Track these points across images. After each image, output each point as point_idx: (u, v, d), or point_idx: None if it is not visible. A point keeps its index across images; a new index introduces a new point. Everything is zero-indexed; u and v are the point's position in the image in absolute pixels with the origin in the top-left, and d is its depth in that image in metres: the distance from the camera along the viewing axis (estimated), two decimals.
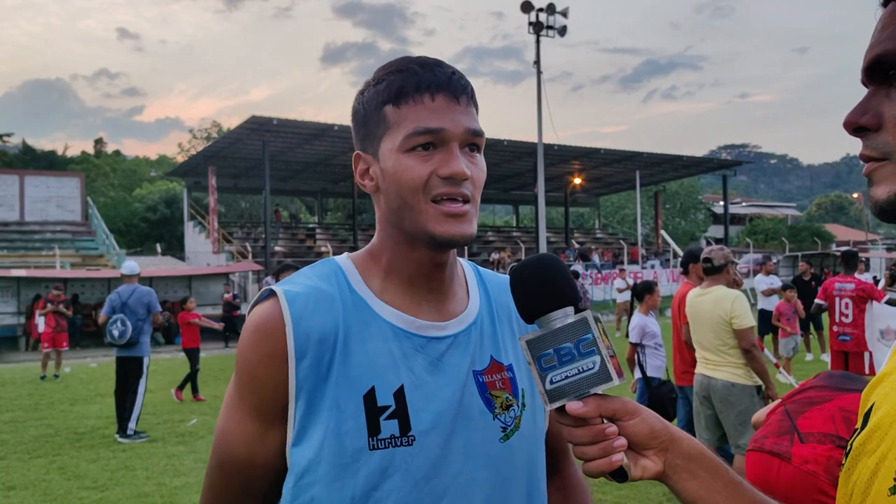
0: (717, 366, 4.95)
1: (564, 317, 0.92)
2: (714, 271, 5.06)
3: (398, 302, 1.14)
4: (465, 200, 1.08)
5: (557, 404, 0.91)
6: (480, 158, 1.12)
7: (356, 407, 1.06)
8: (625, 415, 0.92)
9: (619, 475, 0.92)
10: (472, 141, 1.10)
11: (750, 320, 4.82)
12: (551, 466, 1.32)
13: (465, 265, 1.28)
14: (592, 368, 0.89)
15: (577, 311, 0.94)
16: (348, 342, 1.08)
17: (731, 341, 4.87)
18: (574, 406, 0.90)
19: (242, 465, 1.11)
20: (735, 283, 5.12)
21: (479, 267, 1.31)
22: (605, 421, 0.91)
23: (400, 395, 1.08)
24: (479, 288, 1.25)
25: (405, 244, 1.13)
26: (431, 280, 1.15)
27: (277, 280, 7.06)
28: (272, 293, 1.11)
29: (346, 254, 1.21)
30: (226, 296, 22.30)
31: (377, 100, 1.11)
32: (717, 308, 4.91)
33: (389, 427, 1.06)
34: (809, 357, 13.04)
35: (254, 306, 1.13)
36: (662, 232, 37.06)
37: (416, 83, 1.08)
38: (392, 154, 1.09)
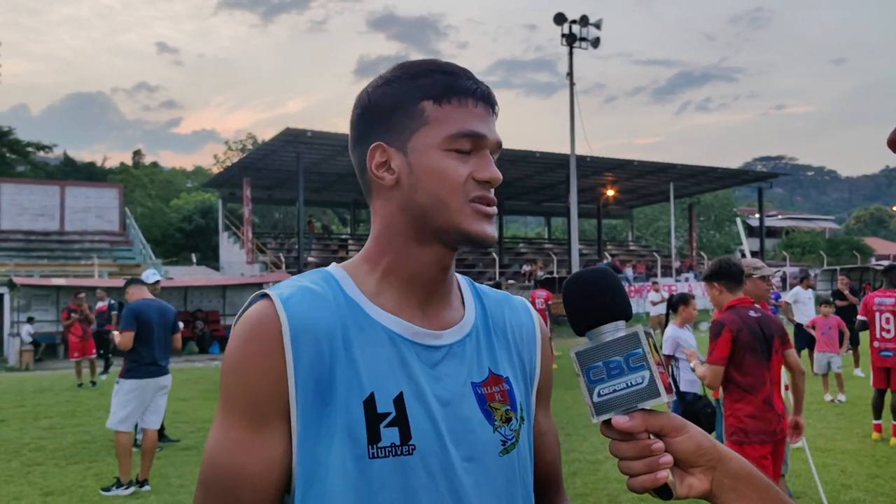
0: None
1: (615, 330, 0.92)
2: None
3: (392, 306, 1.10)
4: (493, 204, 1.11)
5: (604, 417, 0.91)
6: None
7: (357, 413, 1.02)
8: (671, 431, 0.91)
9: (664, 492, 0.91)
10: (495, 152, 1.13)
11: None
12: (545, 496, 1.29)
13: (460, 279, 1.25)
14: (641, 383, 0.89)
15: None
16: (347, 344, 1.04)
17: None
18: (620, 420, 0.89)
19: (227, 479, 1.01)
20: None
21: (474, 282, 1.29)
22: (651, 436, 0.90)
23: (400, 402, 1.04)
24: (474, 300, 1.23)
25: (415, 243, 1.10)
26: (431, 284, 1.12)
27: (125, 293, 7.11)
28: (264, 296, 1.06)
29: (334, 263, 1.18)
30: (100, 304, 16.52)
31: (414, 94, 1.09)
32: None
33: (390, 435, 1.02)
34: (857, 372, 12.76)
35: (242, 313, 1.08)
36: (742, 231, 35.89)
37: (465, 87, 1.10)
38: (430, 150, 1.08)
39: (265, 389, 1.01)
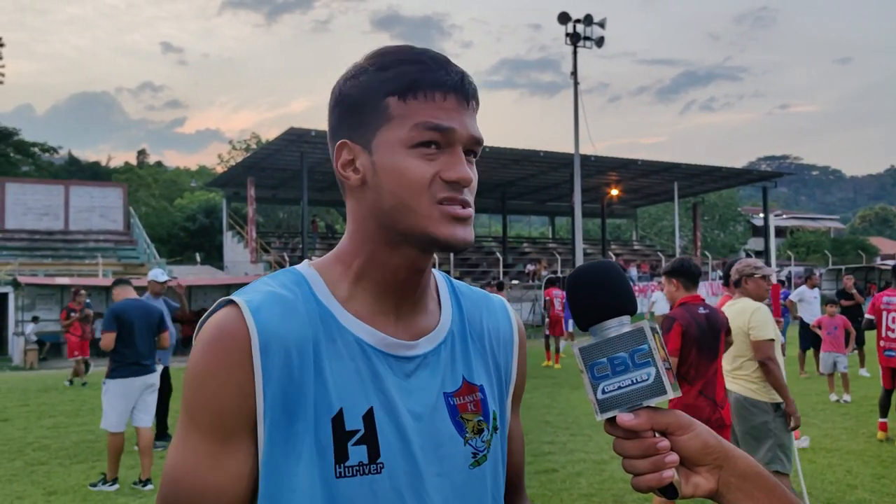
0: (734, 378, 4.93)
1: (620, 326, 0.90)
2: (735, 285, 5.07)
3: (366, 312, 1.05)
4: (466, 205, 1.02)
5: (608, 415, 0.89)
6: (474, 167, 1.07)
7: (324, 430, 0.97)
8: (678, 429, 0.89)
9: (670, 492, 0.89)
10: (474, 148, 1.04)
11: (767, 333, 4.76)
12: (508, 498, 1.24)
13: (437, 276, 1.19)
14: (647, 380, 0.87)
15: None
16: (317, 357, 0.99)
17: (747, 353, 4.83)
18: (625, 418, 0.88)
19: (189, 496, 0.97)
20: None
21: (452, 279, 1.22)
22: (656, 434, 0.89)
23: (369, 418, 1.00)
24: (451, 302, 1.16)
25: (386, 246, 1.04)
26: (406, 288, 1.07)
27: (111, 293, 7.17)
28: (229, 302, 1.00)
29: (307, 261, 1.12)
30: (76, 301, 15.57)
31: (379, 88, 1.02)
32: (737, 319, 4.88)
33: (358, 453, 0.98)
34: (863, 372, 12.71)
35: (205, 320, 1.02)
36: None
37: (431, 80, 1.01)
38: (393, 148, 1.00)
39: (232, 404, 0.96)
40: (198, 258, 32.89)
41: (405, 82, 1.00)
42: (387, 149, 1.01)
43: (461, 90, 1.02)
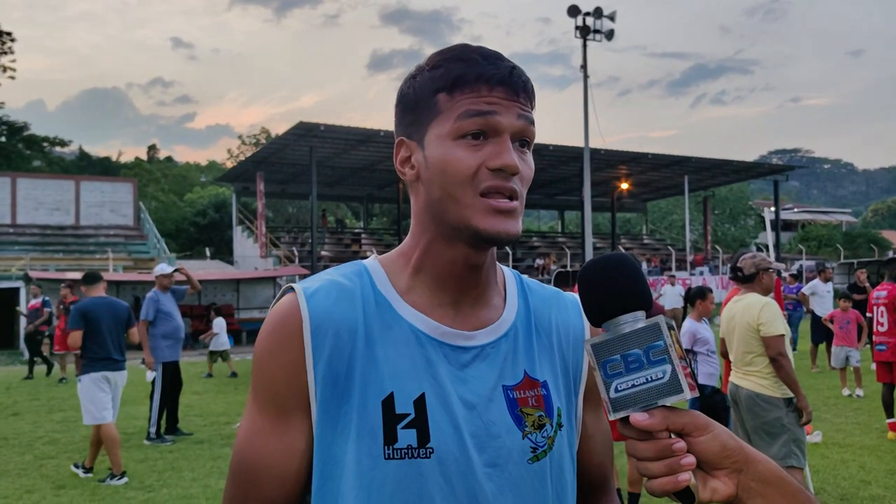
0: (745, 374, 4.89)
1: (634, 321, 0.85)
2: (745, 280, 4.98)
3: (423, 303, 1.08)
4: (513, 196, 1.02)
5: (621, 414, 0.84)
6: (530, 156, 1.07)
7: (374, 412, 1.01)
8: (695, 430, 0.84)
9: (686, 496, 0.84)
10: (524, 136, 1.04)
11: (778, 329, 4.70)
12: (592, 498, 1.24)
13: (507, 273, 1.20)
14: (662, 378, 0.82)
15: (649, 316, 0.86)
16: (370, 342, 1.03)
17: (758, 349, 4.78)
18: (639, 417, 0.83)
19: (247, 465, 1.04)
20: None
21: (523, 277, 1.23)
22: (672, 435, 0.84)
23: (420, 403, 1.02)
24: (518, 298, 1.17)
25: (441, 240, 1.06)
26: (463, 282, 1.08)
27: (72, 291, 7.16)
28: (291, 289, 1.07)
29: (374, 255, 1.16)
30: (33, 301, 15.56)
31: (431, 86, 1.05)
32: (745, 315, 4.83)
33: (407, 437, 1.00)
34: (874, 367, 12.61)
35: (272, 306, 1.10)
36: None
37: (477, 73, 1.02)
38: (439, 141, 1.03)
39: (284, 382, 1.02)
40: (207, 253, 32.97)
41: (452, 77, 1.03)
42: (436, 142, 1.04)
43: (509, 83, 1.03)
